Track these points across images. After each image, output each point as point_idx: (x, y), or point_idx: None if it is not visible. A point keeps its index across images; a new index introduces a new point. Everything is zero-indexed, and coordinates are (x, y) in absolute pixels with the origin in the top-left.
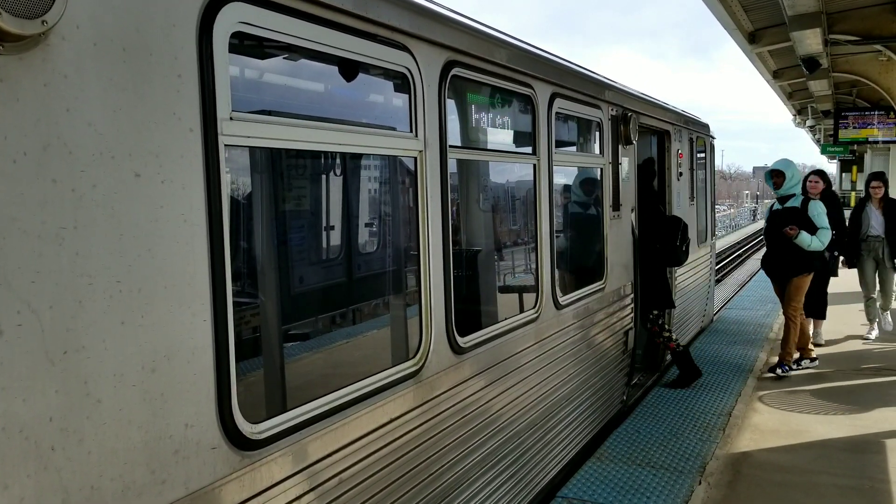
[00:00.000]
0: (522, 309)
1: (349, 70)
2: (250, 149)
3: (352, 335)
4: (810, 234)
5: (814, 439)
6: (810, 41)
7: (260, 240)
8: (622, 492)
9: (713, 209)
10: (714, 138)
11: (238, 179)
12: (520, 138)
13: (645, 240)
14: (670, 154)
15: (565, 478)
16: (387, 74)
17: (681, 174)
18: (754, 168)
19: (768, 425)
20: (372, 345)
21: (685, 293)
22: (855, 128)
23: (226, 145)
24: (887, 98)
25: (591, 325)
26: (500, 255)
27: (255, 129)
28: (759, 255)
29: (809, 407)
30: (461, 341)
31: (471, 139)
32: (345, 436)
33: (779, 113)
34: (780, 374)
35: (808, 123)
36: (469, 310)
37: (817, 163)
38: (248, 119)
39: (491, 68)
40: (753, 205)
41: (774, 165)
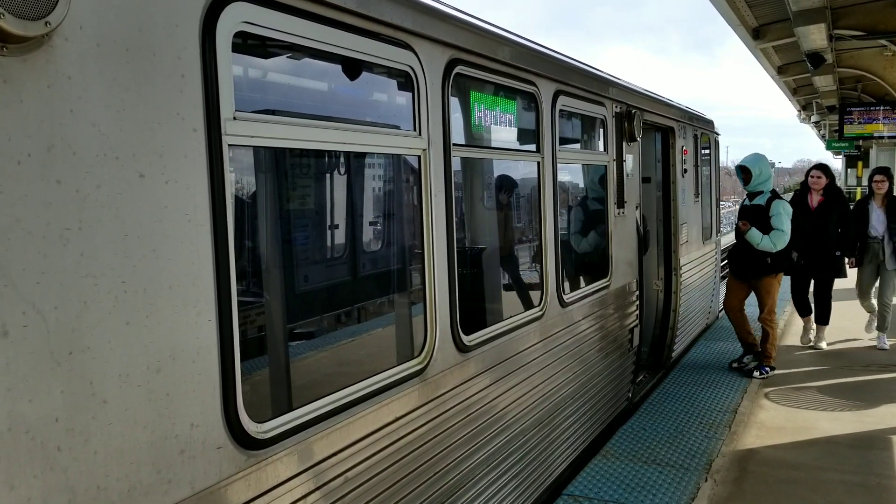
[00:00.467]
0: (527, 306)
1: (352, 69)
2: (254, 148)
3: (356, 334)
4: (766, 233)
5: (820, 436)
6: (815, 36)
7: (264, 239)
8: (628, 489)
9: (718, 206)
10: (718, 134)
11: (242, 179)
12: (524, 136)
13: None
14: (675, 151)
15: (571, 475)
16: (390, 73)
17: (685, 171)
18: None
19: (774, 422)
20: (377, 343)
21: (690, 290)
22: (860, 123)
23: (229, 145)
24: (892, 93)
25: (596, 322)
26: (506, 252)
27: (259, 129)
28: None
29: (815, 403)
30: (466, 339)
31: (474, 137)
32: (350, 434)
33: (783, 108)
34: (757, 377)
35: (814, 119)
36: (474, 308)
37: (823, 158)
38: (251, 119)
39: (494, 66)
40: None
41: (742, 161)
